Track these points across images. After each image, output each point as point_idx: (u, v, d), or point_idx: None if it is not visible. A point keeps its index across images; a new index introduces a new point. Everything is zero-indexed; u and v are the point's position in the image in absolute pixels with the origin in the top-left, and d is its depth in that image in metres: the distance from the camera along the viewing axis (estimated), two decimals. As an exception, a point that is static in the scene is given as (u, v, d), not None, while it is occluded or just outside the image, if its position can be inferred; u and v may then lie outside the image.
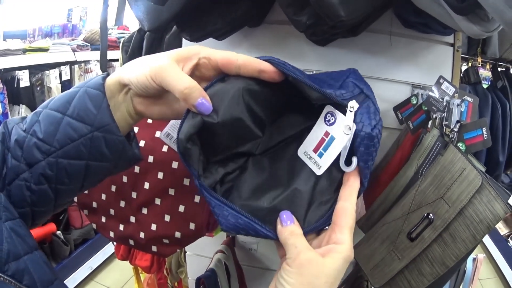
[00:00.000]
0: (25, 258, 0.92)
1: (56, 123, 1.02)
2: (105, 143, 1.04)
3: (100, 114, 1.02)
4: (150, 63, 1.02)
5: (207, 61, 1.07)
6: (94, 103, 1.03)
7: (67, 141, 1.02)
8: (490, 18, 1.30)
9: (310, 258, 0.97)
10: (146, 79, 1.01)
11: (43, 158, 1.02)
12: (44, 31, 6.65)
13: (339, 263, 0.97)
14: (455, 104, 1.60)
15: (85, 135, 1.02)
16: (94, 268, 5.77)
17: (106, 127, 1.03)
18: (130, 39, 2.86)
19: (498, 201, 1.45)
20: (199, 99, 1.00)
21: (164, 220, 1.52)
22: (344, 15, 1.33)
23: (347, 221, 1.02)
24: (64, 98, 1.06)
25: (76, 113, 1.02)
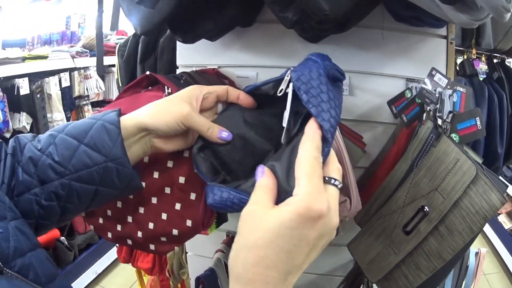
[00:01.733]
0: (29, 254, 0.97)
1: (72, 149, 1.13)
2: (116, 173, 1.17)
3: (115, 147, 1.14)
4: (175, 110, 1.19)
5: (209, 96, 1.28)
6: (110, 137, 1.15)
7: (82, 167, 1.13)
8: (479, 6, 1.31)
9: (251, 211, 0.90)
10: (177, 125, 1.19)
11: (57, 178, 1.12)
12: (43, 38, 6.66)
13: (283, 216, 0.84)
14: (447, 95, 1.60)
15: (99, 164, 1.14)
16: (98, 273, 5.79)
17: (119, 160, 1.15)
18: (126, 44, 2.89)
19: (494, 191, 1.44)
20: (219, 133, 1.22)
21: (161, 218, 1.52)
22: (328, 9, 1.34)
23: (302, 170, 0.89)
24: (81, 127, 1.17)
25: (93, 143, 1.14)
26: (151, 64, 2.69)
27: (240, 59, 2.20)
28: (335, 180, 0.95)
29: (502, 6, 1.22)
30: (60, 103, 5.52)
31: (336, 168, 0.98)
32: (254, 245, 0.84)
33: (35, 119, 5.16)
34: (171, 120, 1.18)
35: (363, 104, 2.15)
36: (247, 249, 0.85)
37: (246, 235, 0.87)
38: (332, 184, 0.94)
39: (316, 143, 0.94)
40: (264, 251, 0.83)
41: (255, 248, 0.84)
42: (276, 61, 2.15)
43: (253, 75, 2.20)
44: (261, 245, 0.84)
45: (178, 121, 1.18)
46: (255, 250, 0.84)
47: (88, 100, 6.30)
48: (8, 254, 0.91)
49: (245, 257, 0.85)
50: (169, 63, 2.52)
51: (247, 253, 0.85)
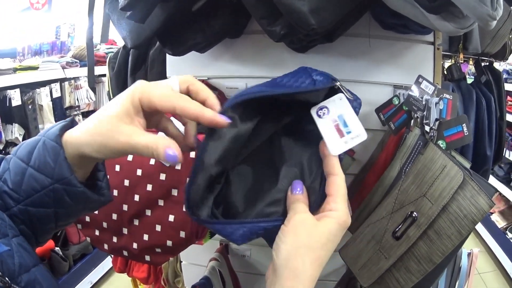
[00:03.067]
0: (33, 269, 0.97)
1: (21, 173, 1.04)
2: (66, 194, 1.04)
3: (57, 167, 1.02)
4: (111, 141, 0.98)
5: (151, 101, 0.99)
6: (51, 156, 1.02)
7: (31, 192, 1.03)
8: (464, 14, 1.32)
9: (304, 218, 1.03)
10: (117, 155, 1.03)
11: (14, 205, 1.04)
12: (33, 49, 6.64)
13: (331, 226, 1.01)
14: (433, 103, 1.62)
15: (46, 187, 1.02)
16: (94, 283, 5.78)
17: (65, 180, 1.02)
18: (116, 56, 2.88)
19: (481, 195, 1.47)
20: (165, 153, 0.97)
21: (155, 230, 1.55)
22: (315, 23, 1.36)
23: (339, 191, 1.06)
24: (28, 147, 1.06)
25: (37, 164, 1.03)
26: (142, 76, 2.68)
27: (229, 70, 2.22)
28: None
29: (487, 15, 1.24)
30: (51, 114, 5.51)
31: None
32: (312, 246, 0.99)
33: (27, 130, 5.15)
34: (110, 153, 1.01)
35: (352, 112, 2.14)
36: (306, 249, 0.99)
37: (302, 238, 1.00)
38: None
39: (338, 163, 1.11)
40: (319, 252, 1.00)
41: (313, 249, 0.99)
42: (264, 71, 2.17)
43: (242, 86, 2.21)
44: (317, 247, 0.99)
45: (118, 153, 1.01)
46: (313, 251, 0.99)
47: (79, 110, 6.27)
48: (14, 271, 0.91)
49: (304, 255, 0.98)
50: (159, 75, 2.51)
51: (306, 252, 0.99)
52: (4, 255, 0.91)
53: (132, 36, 1.75)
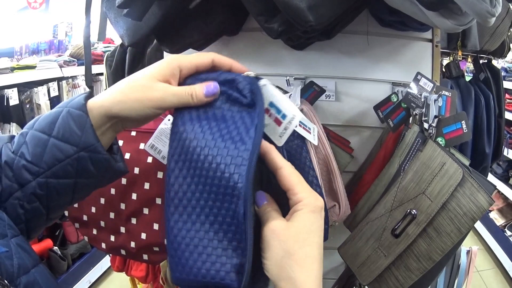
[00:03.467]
0: (33, 271, 0.96)
1: (42, 145, 1.03)
2: (91, 162, 1.06)
3: (84, 135, 1.03)
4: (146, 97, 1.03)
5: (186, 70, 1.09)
6: (77, 124, 1.03)
7: (55, 162, 1.03)
8: (463, 11, 1.32)
9: (273, 228, 0.96)
10: (151, 112, 1.06)
11: (32, 179, 1.03)
12: (31, 48, 6.59)
13: (304, 217, 0.96)
14: (432, 100, 1.62)
15: (71, 156, 1.03)
16: (92, 282, 5.76)
17: (91, 147, 1.04)
18: (113, 54, 2.87)
19: (481, 192, 1.46)
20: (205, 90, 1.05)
21: (153, 228, 1.54)
22: (313, 20, 1.35)
23: (292, 181, 1.00)
24: (48, 118, 1.06)
25: (61, 134, 1.03)
26: (139, 75, 2.63)
27: None
28: None
29: (486, 11, 1.24)
30: (49, 114, 5.43)
31: None
32: (291, 251, 0.93)
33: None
34: (144, 108, 1.05)
35: (350, 109, 2.17)
36: (287, 256, 0.93)
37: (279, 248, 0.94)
38: None
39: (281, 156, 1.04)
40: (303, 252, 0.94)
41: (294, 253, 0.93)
42: (262, 69, 2.16)
43: None
44: (298, 247, 0.93)
45: (152, 108, 1.05)
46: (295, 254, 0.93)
47: (76, 110, 6.16)
48: (12, 272, 0.90)
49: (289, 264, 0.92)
50: None
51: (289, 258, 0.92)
52: (2, 256, 0.90)
53: (129, 34, 1.74)
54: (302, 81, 2.10)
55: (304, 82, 2.09)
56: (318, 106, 2.16)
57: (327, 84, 2.12)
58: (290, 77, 2.05)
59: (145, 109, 1.04)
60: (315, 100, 2.01)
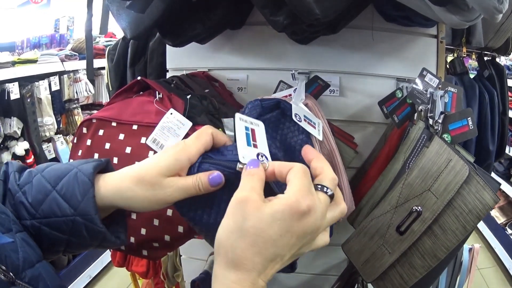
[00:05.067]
0: (38, 265, 0.97)
1: (44, 194, 1.05)
2: (85, 229, 1.06)
3: (84, 202, 1.04)
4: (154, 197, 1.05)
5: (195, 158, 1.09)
6: (80, 190, 1.04)
7: (51, 214, 1.05)
8: (470, 7, 1.30)
9: (244, 199, 0.91)
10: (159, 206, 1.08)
11: (29, 218, 1.05)
12: (32, 42, 6.58)
13: (275, 208, 0.89)
14: (439, 96, 1.60)
15: (67, 216, 1.04)
16: (93, 277, 5.77)
17: (88, 216, 1.04)
18: (115, 47, 2.86)
19: (487, 190, 1.45)
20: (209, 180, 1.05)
21: (153, 224, 1.52)
22: (319, 13, 1.34)
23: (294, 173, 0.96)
24: (58, 172, 1.09)
25: (63, 192, 1.05)
26: (141, 68, 2.67)
27: (230, 62, 2.21)
28: (327, 188, 0.99)
29: (493, 7, 1.22)
30: (50, 107, 5.48)
31: (330, 178, 1.02)
32: (246, 232, 0.88)
33: (26, 123, 5.10)
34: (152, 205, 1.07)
35: (354, 105, 2.16)
36: (240, 234, 0.89)
37: (238, 221, 0.90)
38: (324, 191, 0.99)
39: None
40: (254, 239, 0.88)
41: (247, 235, 0.88)
42: (266, 63, 2.16)
43: (243, 77, 2.21)
44: (253, 233, 0.88)
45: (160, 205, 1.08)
46: (247, 237, 0.88)
47: (78, 104, 6.23)
48: (18, 265, 0.91)
49: (236, 241, 0.89)
50: (159, 67, 2.50)
51: (239, 238, 0.89)
52: (8, 249, 0.92)
53: (131, 27, 1.73)
54: (307, 76, 2.09)
55: (309, 76, 2.08)
56: (322, 101, 2.15)
57: (332, 79, 2.11)
58: (294, 71, 2.02)
59: (154, 205, 1.07)
60: (319, 94, 2.00)
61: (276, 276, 2.67)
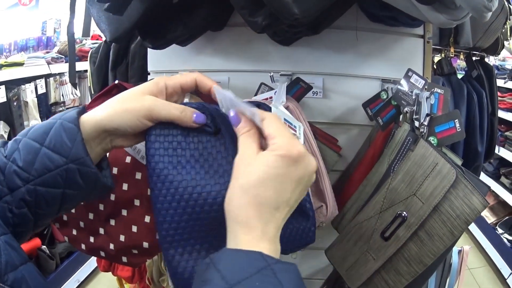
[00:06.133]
0: (21, 268, 0.96)
1: (34, 153, 1.07)
2: (79, 175, 1.09)
3: (74, 147, 1.07)
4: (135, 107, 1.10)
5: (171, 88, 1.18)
6: (69, 137, 1.07)
7: (44, 170, 1.06)
8: (458, 5, 1.28)
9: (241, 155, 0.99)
10: (140, 122, 1.10)
11: (22, 184, 1.06)
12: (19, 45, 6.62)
13: (268, 159, 0.95)
14: (424, 97, 1.58)
15: (61, 166, 1.07)
16: (81, 281, 5.77)
17: (81, 160, 1.07)
18: (98, 50, 2.85)
19: (475, 194, 1.42)
20: (193, 115, 1.12)
21: (132, 230, 1.52)
22: (299, 13, 1.31)
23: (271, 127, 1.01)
24: (42, 128, 1.10)
25: (53, 144, 1.07)
26: (123, 71, 2.65)
27: (212, 64, 2.19)
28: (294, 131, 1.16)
29: (483, 5, 1.21)
30: (36, 111, 5.47)
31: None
32: (246, 186, 0.94)
33: (13, 127, 5.09)
34: (132, 118, 1.10)
35: (338, 107, 2.14)
36: (241, 191, 0.94)
37: (238, 179, 0.96)
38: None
39: None
40: (256, 190, 0.93)
41: (247, 189, 0.94)
42: (248, 65, 2.14)
43: (225, 80, 2.19)
44: (253, 185, 0.93)
45: (141, 117, 1.10)
46: (248, 190, 0.93)
47: (64, 107, 6.22)
48: (0, 269, 0.90)
49: (239, 198, 0.94)
50: (140, 70, 2.49)
51: (241, 194, 0.94)
52: None
53: (110, 30, 1.72)
54: (289, 78, 2.07)
55: (291, 78, 2.07)
56: (305, 103, 2.14)
57: (315, 80, 2.10)
58: (276, 73, 2.02)
59: (134, 119, 1.09)
60: (301, 97, 1.99)
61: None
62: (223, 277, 0.83)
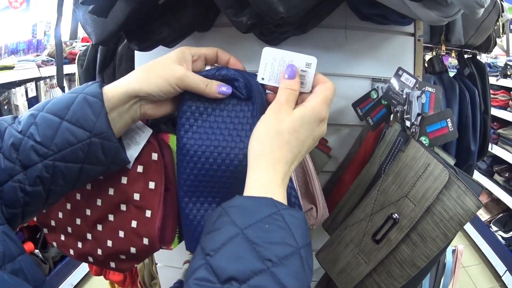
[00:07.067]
0: (18, 259, 0.98)
1: (54, 127, 1.10)
2: (101, 149, 1.16)
3: (99, 121, 1.12)
4: (167, 73, 1.19)
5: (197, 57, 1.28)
6: (93, 111, 1.12)
7: (66, 145, 1.11)
8: (449, 2, 1.27)
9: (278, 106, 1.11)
10: (172, 88, 1.19)
11: (40, 160, 1.09)
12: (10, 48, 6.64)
13: (303, 112, 1.10)
14: (415, 96, 1.56)
15: (83, 141, 1.12)
16: (74, 285, 5.76)
17: (104, 134, 1.14)
18: (85, 53, 2.85)
19: (468, 195, 1.40)
20: (218, 87, 1.23)
21: (119, 236, 1.51)
22: (284, 11, 1.29)
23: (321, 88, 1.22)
24: (62, 103, 1.14)
25: (75, 119, 1.11)
26: (110, 74, 2.64)
27: None
28: None
29: (475, 2, 1.20)
30: (26, 115, 5.43)
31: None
32: (282, 131, 1.07)
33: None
34: (165, 83, 1.18)
35: (327, 106, 2.09)
36: (276, 133, 1.07)
37: (273, 123, 1.08)
38: None
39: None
40: (288, 137, 1.07)
41: (282, 134, 1.06)
42: (235, 65, 2.10)
43: None
44: (288, 132, 1.07)
45: (173, 83, 1.18)
46: (282, 135, 1.06)
47: (54, 110, 6.16)
48: None
49: (272, 139, 1.06)
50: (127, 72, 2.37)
51: (276, 136, 1.06)
52: None
53: (96, 32, 1.70)
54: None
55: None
56: (294, 103, 2.08)
57: (303, 80, 2.05)
58: None
59: (167, 85, 1.18)
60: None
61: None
62: (234, 222, 0.92)
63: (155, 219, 1.43)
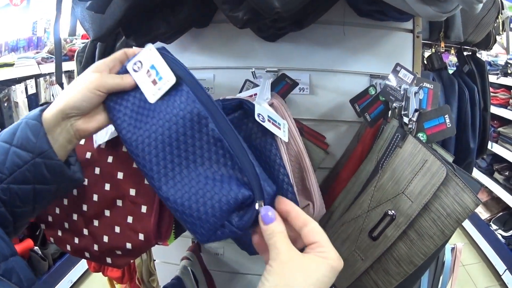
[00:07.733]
0: (11, 259, 1.03)
1: (5, 153, 1.14)
2: (45, 168, 1.16)
3: (38, 141, 1.14)
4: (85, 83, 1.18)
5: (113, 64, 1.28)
6: (33, 132, 1.15)
7: (14, 168, 1.14)
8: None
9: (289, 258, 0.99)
10: (93, 93, 1.18)
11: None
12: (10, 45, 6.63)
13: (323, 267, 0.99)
14: (413, 92, 1.55)
15: (28, 162, 1.14)
16: (74, 282, 5.76)
17: (45, 153, 1.15)
18: (84, 50, 2.86)
19: (467, 192, 1.39)
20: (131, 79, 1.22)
21: (114, 231, 1.53)
22: (279, 6, 1.29)
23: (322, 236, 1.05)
24: (11, 130, 1.18)
25: (20, 142, 1.15)
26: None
27: (197, 61, 2.18)
28: None
29: None
30: (27, 111, 5.45)
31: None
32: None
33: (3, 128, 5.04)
34: (85, 91, 1.18)
35: (325, 103, 2.12)
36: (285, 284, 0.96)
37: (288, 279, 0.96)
38: None
39: None
40: None
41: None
42: (233, 62, 2.13)
43: (210, 77, 2.18)
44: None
45: (92, 89, 1.18)
46: None
47: (54, 107, 6.16)
48: None
49: None
50: None
51: None
52: None
53: (94, 28, 1.72)
54: (275, 74, 2.06)
55: (277, 74, 2.05)
56: (292, 100, 2.13)
57: (301, 76, 2.08)
58: (261, 69, 2.02)
59: (87, 92, 1.18)
60: (287, 93, 1.96)
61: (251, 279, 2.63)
62: None
63: (151, 214, 1.44)
